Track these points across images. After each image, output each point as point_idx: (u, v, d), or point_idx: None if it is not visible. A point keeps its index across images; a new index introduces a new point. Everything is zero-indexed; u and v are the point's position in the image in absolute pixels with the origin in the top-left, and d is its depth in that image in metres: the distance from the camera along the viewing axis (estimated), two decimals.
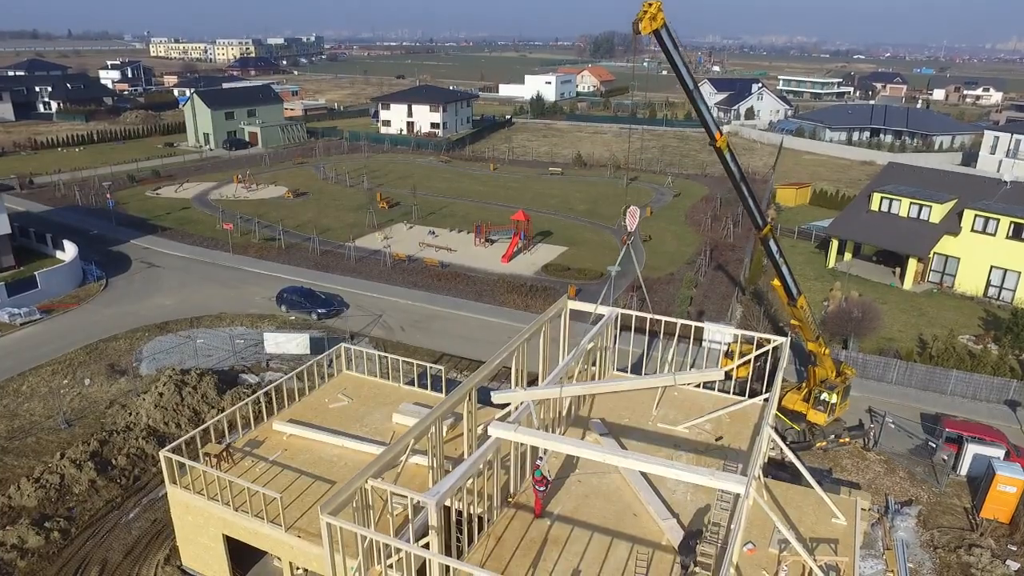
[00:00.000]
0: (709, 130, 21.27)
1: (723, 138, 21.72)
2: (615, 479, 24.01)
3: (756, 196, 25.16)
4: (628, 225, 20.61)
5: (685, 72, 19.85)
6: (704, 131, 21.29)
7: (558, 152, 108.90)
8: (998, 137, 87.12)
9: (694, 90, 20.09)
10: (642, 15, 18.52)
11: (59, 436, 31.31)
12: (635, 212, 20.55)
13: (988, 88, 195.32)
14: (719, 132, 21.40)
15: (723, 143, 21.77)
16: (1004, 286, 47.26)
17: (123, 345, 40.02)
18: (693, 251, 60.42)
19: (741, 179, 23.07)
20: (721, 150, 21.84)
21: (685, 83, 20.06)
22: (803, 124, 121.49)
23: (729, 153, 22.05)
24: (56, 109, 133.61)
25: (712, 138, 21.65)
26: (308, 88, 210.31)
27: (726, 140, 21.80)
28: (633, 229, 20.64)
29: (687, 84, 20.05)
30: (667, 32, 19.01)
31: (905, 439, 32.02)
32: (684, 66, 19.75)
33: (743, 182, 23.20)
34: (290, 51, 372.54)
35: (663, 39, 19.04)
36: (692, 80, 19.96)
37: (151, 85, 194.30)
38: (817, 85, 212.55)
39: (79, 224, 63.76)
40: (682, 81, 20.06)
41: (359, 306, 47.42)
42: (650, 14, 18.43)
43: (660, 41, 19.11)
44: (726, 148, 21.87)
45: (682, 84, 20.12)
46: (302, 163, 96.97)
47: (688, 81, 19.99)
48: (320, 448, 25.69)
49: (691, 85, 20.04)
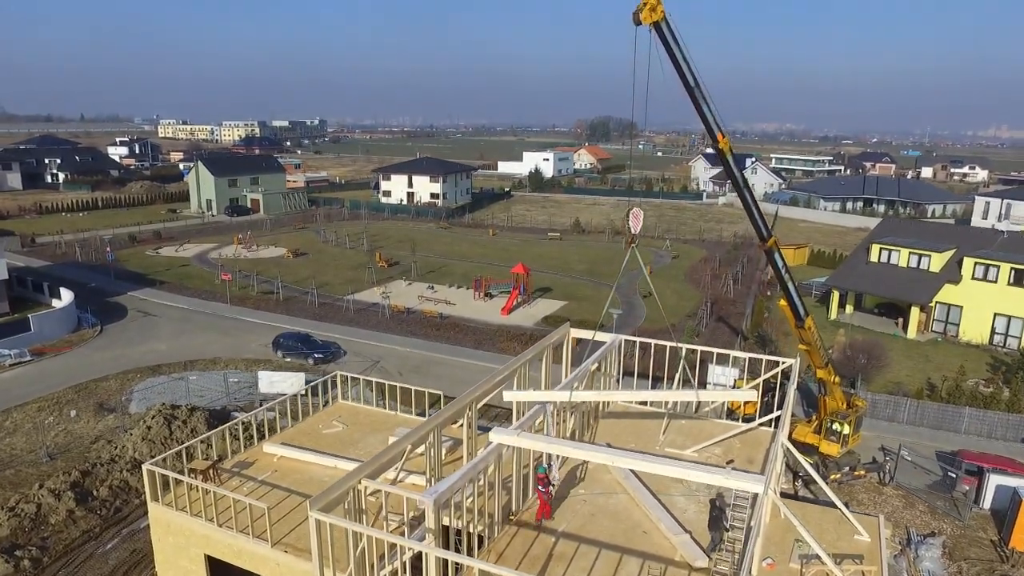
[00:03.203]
0: (711, 131, 21.29)
1: (725, 140, 21.71)
2: (623, 499, 22.79)
3: (761, 213, 25.04)
4: (631, 228, 20.28)
5: (687, 68, 20.03)
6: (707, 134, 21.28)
7: (556, 220, 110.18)
8: (989, 202, 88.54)
9: (696, 87, 20.21)
10: (641, 6, 18.82)
11: (39, 469, 29.97)
12: (639, 214, 20.24)
13: (974, 166, 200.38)
14: (721, 133, 21.43)
15: (725, 145, 21.76)
16: (1009, 333, 46.72)
17: (114, 385, 39.00)
18: (693, 305, 60.10)
19: (744, 185, 23.01)
20: (723, 152, 21.84)
21: (686, 80, 20.18)
22: (797, 194, 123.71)
23: (732, 156, 22.04)
24: (63, 180, 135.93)
25: (714, 139, 21.67)
26: (311, 164, 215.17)
27: (728, 142, 21.79)
28: (636, 232, 20.28)
29: (688, 81, 20.16)
30: (667, 26, 19.27)
31: (922, 475, 30.73)
32: (685, 61, 19.93)
33: (745, 187, 23.13)
34: (294, 133, 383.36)
35: (663, 33, 19.27)
36: (693, 77, 20.09)
37: (157, 161, 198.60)
38: (809, 163, 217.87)
39: (77, 278, 63.51)
40: (683, 78, 20.18)
41: (357, 353, 46.60)
42: (650, 5, 18.68)
43: (660, 35, 19.28)
44: (728, 151, 21.87)
45: (683, 81, 20.23)
46: (303, 228, 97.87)
47: (689, 78, 20.11)
48: (312, 469, 24.50)
49: (692, 82, 20.16)
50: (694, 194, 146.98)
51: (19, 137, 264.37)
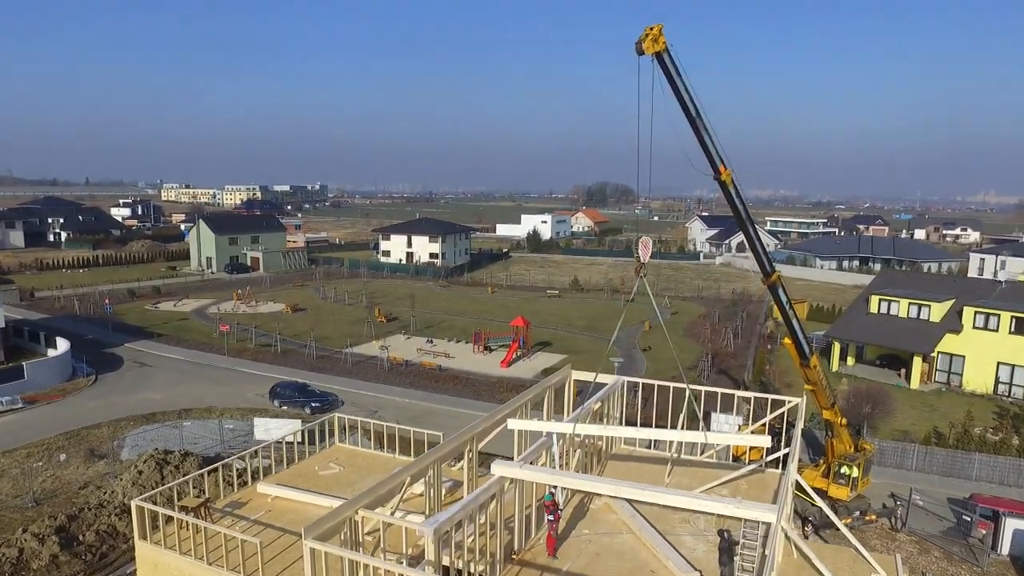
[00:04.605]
0: (713, 162, 21.46)
1: (728, 172, 21.87)
2: (628, 538, 22.00)
3: (764, 247, 25.08)
4: (640, 256, 20.24)
5: (688, 99, 20.40)
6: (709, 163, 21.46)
7: (555, 279, 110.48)
8: (984, 258, 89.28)
9: (697, 117, 20.53)
10: (644, 36, 19.33)
11: (24, 514, 29.04)
12: (647, 243, 20.24)
13: (966, 228, 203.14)
14: (723, 165, 21.63)
15: (727, 177, 21.91)
16: (1014, 382, 46.28)
17: (106, 432, 38.22)
18: (694, 358, 59.66)
19: (747, 218, 23.06)
20: (725, 184, 21.98)
21: (688, 110, 20.53)
22: (793, 253, 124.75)
23: (734, 188, 22.15)
24: (65, 238, 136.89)
25: (716, 171, 21.84)
26: (311, 225, 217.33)
27: (730, 174, 21.96)
28: (645, 260, 20.22)
29: (690, 111, 20.51)
30: (669, 57, 19.73)
31: (935, 521, 29.85)
32: (687, 92, 20.32)
33: (748, 221, 23.18)
34: (295, 197, 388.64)
35: (665, 64, 19.71)
36: (695, 107, 20.47)
37: (159, 222, 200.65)
38: (804, 225, 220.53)
39: (75, 330, 63.08)
40: (685, 109, 20.53)
41: (355, 403, 45.91)
42: (652, 36, 19.19)
43: (663, 66, 19.73)
44: (731, 183, 22.01)
45: (685, 112, 20.57)
46: (302, 285, 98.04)
47: (691, 108, 20.47)
48: (308, 510, 23.65)
49: (694, 112, 20.50)
50: (691, 254, 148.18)
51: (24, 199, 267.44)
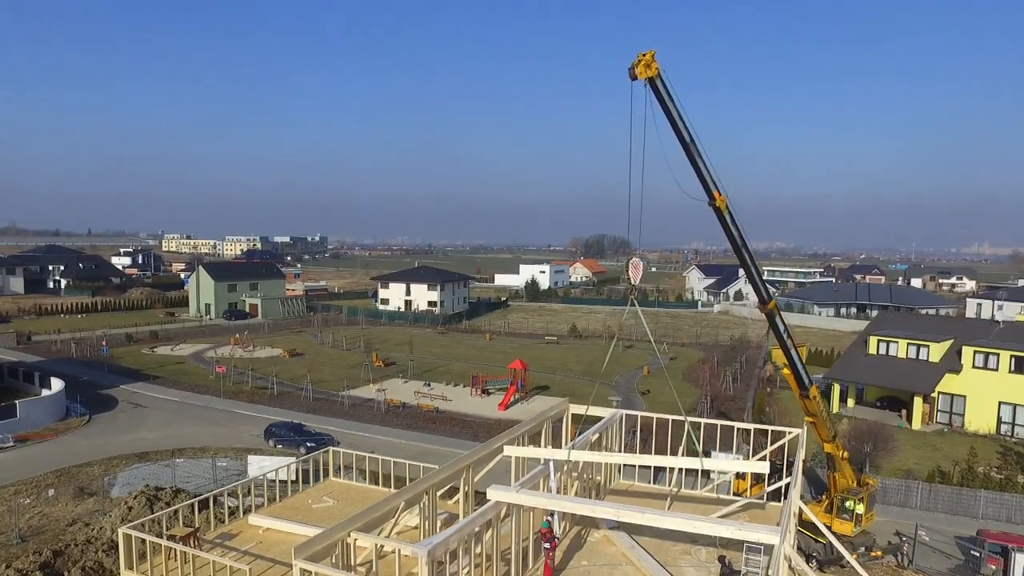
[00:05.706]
0: (707, 187, 21.71)
1: (722, 198, 22.08)
2: (628, 570, 21.48)
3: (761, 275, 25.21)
4: (631, 278, 20.35)
5: (682, 125, 20.79)
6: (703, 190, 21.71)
7: (553, 327, 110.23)
8: (980, 304, 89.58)
9: (691, 143, 20.87)
10: (637, 62, 19.84)
11: (9, 551, 28.35)
12: (638, 264, 20.36)
13: (962, 277, 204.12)
14: (718, 191, 21.86)
15: (722, 203, 22.12)
16: (1016, 421, 45.88)
17: (97, 470, 37.62)
18: (693, 401, 59.19)
19: (743, 245, 23.18)
20: (721, 211, 22.17)
21: (681, 136, 20.89)
22: (791, 301, 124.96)
23: (729, 215, 22.33)
24: (65, 285, 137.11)
25: (711, 196, 22.05)
26: (310, 274, 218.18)
27: (725, 200, 22.17)
28: (636, 282, 20.32)
29: (684, 137, 20.87)
30: (662, 82, 20.19)
31: (941, 558, 29.20)
32: (680, 118, 20.72)
33: (744, 248, 23.30)
34: (295, 248, 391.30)
35: (658, 89, 20.17)
36: (689, 133, 20.85)
37: (159, 270, 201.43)
38: (801, 275, 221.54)
39: (70, 372, 62.67)
40: (679, 134, 20.90)
41: (351, 444, 45.00)
42: (644, 61, 19.71)
43: (655, 91, 20.18)
44: (726, 209, 22.21)
45: (679, 138, 20.91)
46: (300, 331, 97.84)
47: (685, 134, 20.85)
48: (300, 541, 23.11)
49: (688, 138, 20.86)
50: (689, 303, 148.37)
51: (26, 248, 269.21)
